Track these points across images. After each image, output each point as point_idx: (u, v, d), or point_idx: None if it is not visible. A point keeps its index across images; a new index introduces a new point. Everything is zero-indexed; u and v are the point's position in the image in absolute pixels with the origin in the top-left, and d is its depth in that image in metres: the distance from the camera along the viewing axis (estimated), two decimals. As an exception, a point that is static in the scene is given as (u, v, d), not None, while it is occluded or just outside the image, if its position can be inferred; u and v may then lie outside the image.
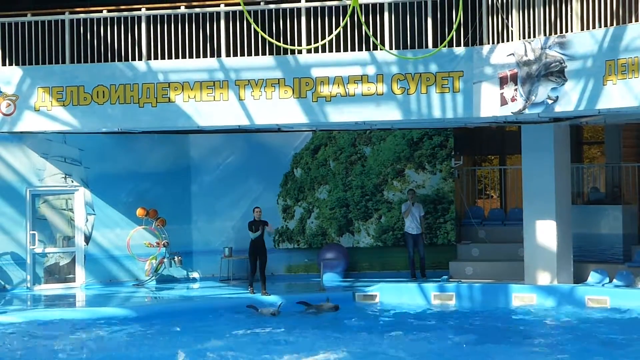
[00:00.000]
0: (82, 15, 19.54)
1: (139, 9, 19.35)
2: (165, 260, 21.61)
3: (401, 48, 18.70)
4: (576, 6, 16.88)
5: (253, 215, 19.93)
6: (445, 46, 17.34)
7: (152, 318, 17.01)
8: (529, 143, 19.52)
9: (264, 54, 19.13)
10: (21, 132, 20.22)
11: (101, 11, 19.46)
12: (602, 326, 15.73)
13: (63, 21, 19.46)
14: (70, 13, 19.52)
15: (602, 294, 17.99)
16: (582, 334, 15.03)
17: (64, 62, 19.53)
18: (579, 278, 19.45)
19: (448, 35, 18.09)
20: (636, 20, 16.07)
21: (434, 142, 22.34)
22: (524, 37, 17.69)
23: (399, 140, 22.44)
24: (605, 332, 15.19)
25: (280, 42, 18.12)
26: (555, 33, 17.22)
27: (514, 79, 17.74)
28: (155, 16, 19.26)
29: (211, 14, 19.16)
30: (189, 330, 15.70)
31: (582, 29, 16.87)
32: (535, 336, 15.03)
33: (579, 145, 23.92)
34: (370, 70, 18.59)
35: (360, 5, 16.33)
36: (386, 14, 18.55)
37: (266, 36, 14.77)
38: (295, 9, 18.95)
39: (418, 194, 21.88)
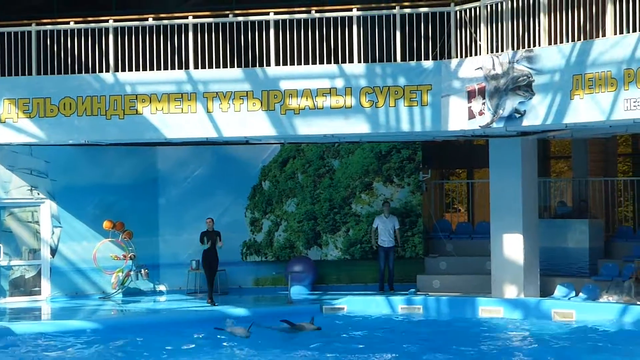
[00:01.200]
0: (49, 27, 19.46)
1: (107, 21, 19.29)
2: (132, 273, 21.46)
3: (370, 61, 18.75)
4: (544, 21, 16.98)
5: (206, 225, 20.24)
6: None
7: (118, 331, 16.87)
8: (496, 157, 19.60)
9: (232, 66, 19.12)
10: (-13, 144, 20.11)
11: (68, 22, 19.39)
12: (564, 339, 15.80)
13: (30, 32, 19.37)
14: (37, 24, 19.43)
15: (568, 308, 18.08)
16: (546, 347, 15.09)
17: (30, 73, 19.44)
18: (546, 291, 19.52)
19: (416, 48, 18.24)
20: (603, 35, 16.18)
21: (402, 156, 22.38)
22: (492, 51, 17.77)
23: (367, 153, 22.46)
24: (566, 345, 15.26)
25: (248, 54, 18.16)
26: (523, 47, 17.32)
27: (482, 92, 17.82)
28: (122, 28, 19.21)
29: (179, 25, 19.13)
30: (155, 344, 15.58)
31: (550, 44, 16.98)
32: (498, 348, 15.04)
33: (546, 159, 24.08)
34: (339, 83, 18.62)
35: (329, 19, 16.32)
36: (355, 27, 18.59)
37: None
38: (263, 22, 18.96)
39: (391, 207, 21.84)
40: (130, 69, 19.20)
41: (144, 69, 19.17)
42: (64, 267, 21.41)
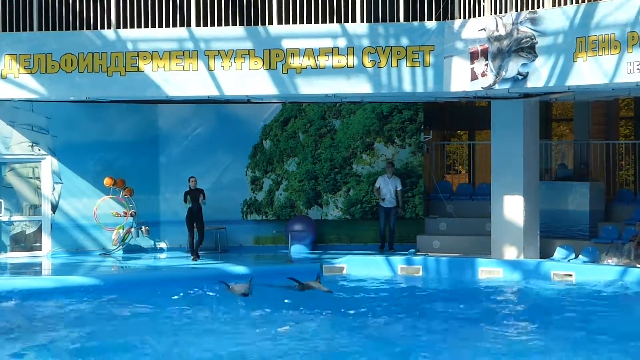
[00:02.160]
0: (50, -18, 19.36)
1: (109, -23, 19.20)
2: (133, 230, 21.51)
3: (372, 21, 18.68)
4: (548, -18, 16.91)
5: (189, 184, 20.46)
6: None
7: (119, 287, 16.95)
8: (498, 119, 19.57)
9: (234, 24, 19.05)
10: (-12, 99, 20.07)
11: (70, -22, 19.30)
12: (566, 300, 15.84)
13: (31, -13, 19.29)
14: (39, -21, 19.34)
15: (567, 269, 18.13)
16: (545, 308, 15.14)
17: (32, 29, 19.38)
18: (546, 253, 19.58)
19: (419, 8, 18.16)
20: (607, -2, 16.12)
21: (404, 116, 22.36)
22: (495, 13, 17.70)
23: (368, 113, 22.44)
24: (568, 306, 15.31)
25: (250, 12, 18.08)
26: (527, 9, 17.25)
27: (484, 54, 17.77)
28: (125, -16, 19.12)
29: (182, -18, 19.04)
30: (155, 300, 15.65)
31: (554, 5, 16.91)
32: (498, 308, 15.11)
33: (548, 122, 24.02)
34: (341, 43, 18.56)
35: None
36: (358, -14, 18.50)
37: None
38: (266, -20, 18.87)
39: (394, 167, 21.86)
40: (131, 26, 19.13)
41: (146, 26, 19.10)
42: (64, 223, 21.46)
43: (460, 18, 18.14)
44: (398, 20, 18.52)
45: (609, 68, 15.97)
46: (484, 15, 17.83)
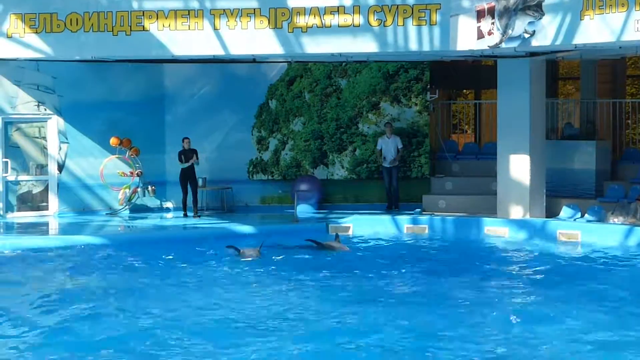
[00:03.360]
0: (55, -60, 19.23)
1: None
2: (139, 189, 21.56)
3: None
4: (555, -61, 16.76)
5: (182, 144, 20.70)
6: None
7: (126, 247, 16.97)
8: (504, 78, 19.49)
9: (240, -18, 18.91)
10: (-7, 59, 20.04)
11: None
12: (572, 259, 15.85)
13: (36, -55, 19.17)
14: (43, -63, 19.22)
15: (573, 229, 18.11)
16: (551, 266, 15.15)
17: (37, -12, 19.30)
18: (551, 212, 19.58)
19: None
20: (615, -45, 15.97)
21: (410, 76, 22.27)
22: (502, -30, 17.56)
23: (374, 73, 22.35)
24: (573, 265, 15.31)
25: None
26: (534, -34, 17.10)
27: (491, 12, 17.66)
28: (129, -58, 19.00)
29: (187, -60, 18.90)
30: (161, 259, 15.68)
31: (561, -37, 16.78)
32: (503, 267, 15.12)
33: (554, 80, 23.93)
34: (347, 1, 18.45)
35: None
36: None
37: None
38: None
39: (394, 127, 21.82)
40: (137, -15, 19.06)
41: (151, -16, 19.02)
42: (71, 183, 21.50)
43: (466, -24, 18.01)
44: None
45: (616, 26, 15.87)
46: (490, -27, 17.70)
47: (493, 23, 17.60)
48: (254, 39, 18.71)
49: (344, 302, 11.96)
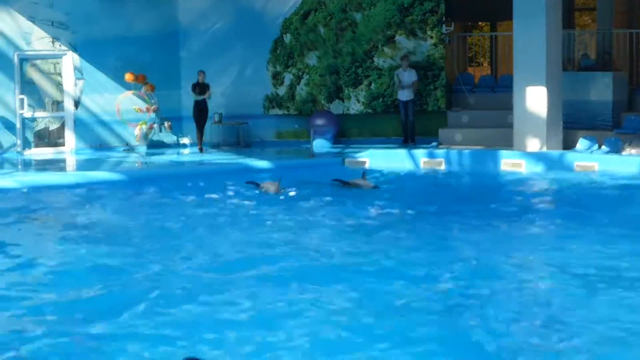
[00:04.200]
0: None
1: None
2: (155, 125, 21.60)
3: None
4: None
5: (197, 77, 20.76)
6: None
7: (143, 182, 16.91)
8: (520, 8, 19.22)
9: None
10: (7, -5, 19.97)
11: None
12: (589, 191, 15.79)
13: None
14: None
15: (590, 160, 17.99)
16: (569, 198, 15.10)
17: None
18: (568, 144, 19.44)
19: None
20: None
21: (425, 8, 22.04)
22: None
23: (389, 5, 22.13)
24: (591, 196, 15.26)
25: None
26: None
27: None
28: None
29: None
30: (179, 195, 15.63)
31: None
32: (521, 200, 15.06)
33: (570, 11, 23.67)
34: None
35: None
36: None
37: None
38: None
39: (410, 60, 21.65)
40: None
41: None
42: (87, 119, 21.53)
43: None
44: None
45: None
46: None
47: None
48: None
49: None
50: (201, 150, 20.92)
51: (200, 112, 20.98)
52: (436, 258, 10.37)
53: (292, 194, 14.97)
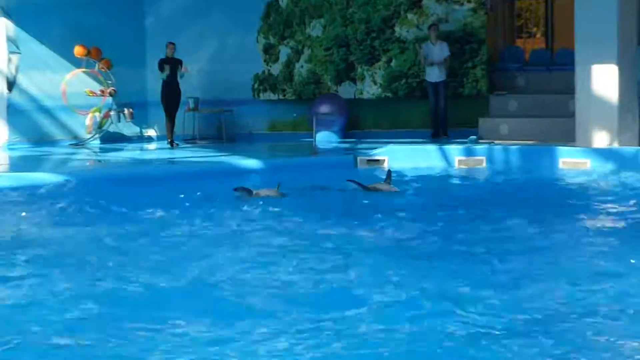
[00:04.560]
0: None
1: None
2: (112, 113, 21.63)
3: None
4: None
5: (165, 51, 20.79)
6: None
7: (96, 187, 16.59)
8: (585, -36, 19.17)
9: None
10: None
11: None
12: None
13: None
14: None
15: (674, 158, 17.90)
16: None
17: None
18: (646, 139, 19.34)
19: None
20: None
21: (461, -38, 22.05)
22: None
23: (414, -41, 22.15)
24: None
25: None
26: None
27: None
28: None
29: None
30: (143, 203, 15.28)
31: None
32: (590, 210, 14.76)
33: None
34: None
35: None
36: None
37: None
38: None
39: (441, 31, 21.58)
40: None
41: None
42: (24, 104, 21.51)
43: None
44: None
45: None
46: None
47: None
48: None
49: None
50: (172, 144, 20.86)
51: (171, 96, 20.91)
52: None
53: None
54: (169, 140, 20.97)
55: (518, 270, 10.48)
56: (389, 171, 16.47)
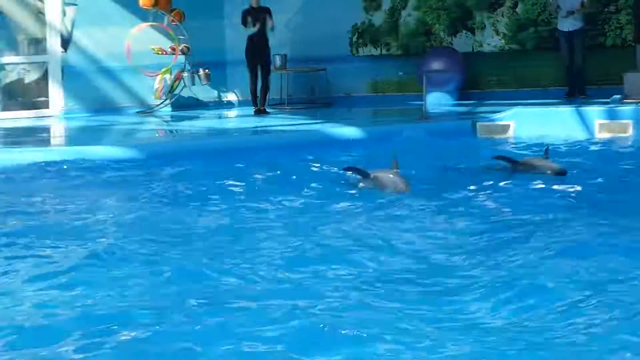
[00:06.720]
0: None
1: None
2: (185, 74, 21.64)
3: None
4: None
5: (250, 1, 20.69)
6: None
7: (167, 162, 16.41)
8: None
9: None
10: None
11: None
12: None
13: None
14: None
15: None
16: None
17: None
18: None
19: None
20: None
21: None
22: None
23: None
24: None
25: None
26: None
27: None
28: None
29: None
30: (223, 180, 14.99)
31: None
32: None
33: None
34: None
35: None
36: None
37: None
38: None
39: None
40: None
41: None
42: (82, 66, 21.71)
43: None
44: None
45: None
46: None
47: None
48: None
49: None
50: (261, 111, 20.71)
51: (257, 53, 20.75)
52: None
53: None
54: (257, 106, 20.81)
55: None
56: (547, 147, 15.57)
